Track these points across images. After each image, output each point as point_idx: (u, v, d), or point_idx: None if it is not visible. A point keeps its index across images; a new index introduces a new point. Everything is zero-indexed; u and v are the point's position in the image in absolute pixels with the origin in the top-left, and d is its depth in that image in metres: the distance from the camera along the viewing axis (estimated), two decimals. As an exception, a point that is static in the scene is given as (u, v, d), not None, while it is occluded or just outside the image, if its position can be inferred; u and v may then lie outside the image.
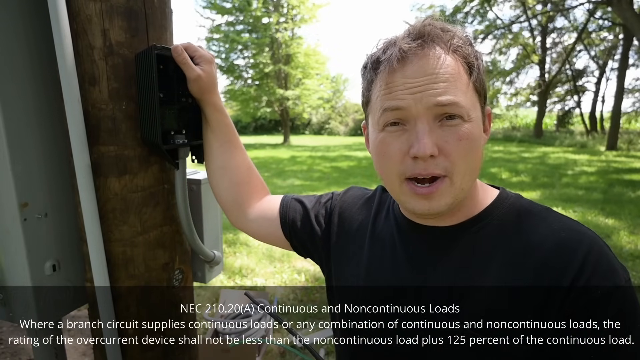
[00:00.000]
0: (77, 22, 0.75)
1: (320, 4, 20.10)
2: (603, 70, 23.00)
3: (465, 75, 0.58)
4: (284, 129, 21.76)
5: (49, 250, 0.80)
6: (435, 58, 0.56)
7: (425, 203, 0.58)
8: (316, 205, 0.84)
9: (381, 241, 0.71)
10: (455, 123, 0.56)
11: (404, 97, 0.56)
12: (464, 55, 0.58)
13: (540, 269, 0.56)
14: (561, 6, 18.43)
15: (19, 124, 0.74)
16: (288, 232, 0.84)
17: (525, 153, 14.18)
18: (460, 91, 0.56)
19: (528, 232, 0.59)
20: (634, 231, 4.71)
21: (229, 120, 0.89)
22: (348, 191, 0.85)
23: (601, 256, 0.55)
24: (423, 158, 0.55)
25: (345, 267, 0.74)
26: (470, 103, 0.58)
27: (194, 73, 0.80)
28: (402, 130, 0.58)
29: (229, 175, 0.88)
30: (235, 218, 0.90)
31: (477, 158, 0.59)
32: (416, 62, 0.56)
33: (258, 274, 3.76)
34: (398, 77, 0.57)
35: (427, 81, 0.55)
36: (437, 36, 0.57)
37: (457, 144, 0.56)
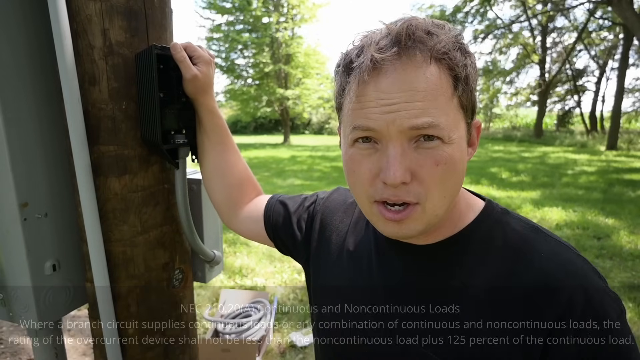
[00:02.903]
0: (77, 22, 0.75)
1: (320, 3, 20.09)
2: (603, 69, 23.00)
3: (449, 89, 0.50)
4: (284, 129, 21.75)
5: (49, 250, 0.80)
6: (413, 69, 0.48)
7: (394, 227, 0.53)
8: (299, 209, 0.82)
9: (358, 259, 0.68)
10: (433, 145, 0.50)
11: (376, 117, 0.49)
12: (450, 65, 0.50)
13: (524, 303, 0.51)
14: (561, 6, 18.42)
15: (19, 124, 0.74)
16: (271, 234, 0.84)
17: (525, 153, 14.18)
18: (441, 110, 0.49)
19: (513, 257, 0.55)
20: (634, 231, 4.71)
21: (223, 122, 0.89)
22: (333, 194, 0.82)
23: (590, 294, 0.50)
24: (394, 185, 0.50)
25: (324, 275, 0.73)
26: (452, 123, 0.50)
27: (191, 72, 0.80)
28: (373, 149, 0.52)
29: (221, 177, 0.89)
30: (227, 219, 0.91)
31: (456, 182, 0.53)
32: (391, 74, 0.49)
33: (258, 273, 3.76)
34: (370, 90, 0.50)
35: (403, 99, 0.48)
36: (419, 41, 0.49)
37: (433, 170, 0.50)
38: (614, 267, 3.72)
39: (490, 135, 23.74)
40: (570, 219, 5.26)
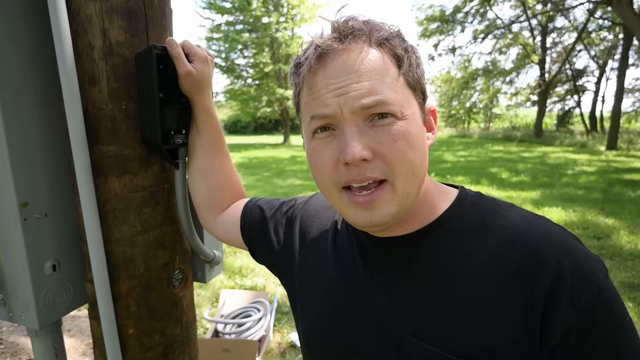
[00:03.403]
0: (77, 22, 0.75)
1: (320, 3, 20.11)
2: (603, 70, 23.01)
3: (394, 69, 0.53)
4: (284, 129, 21.77)
5: (49, 250, 0.80)
6: (356, 52, 0.52)
7: (366, 214, 0.53)
8: (277, 213, 0.80)
9: (343, 260, 0.67)
10: (388, 122, 0.51)
11: (329, 101, 0.52)
12: (391, 48, 0.53)
13: (510, 277, 0.51)
14: (561, 6, 18.43)
15: (19, 124, 0.74)
16: (247, 239, 0.82)
17: (525, 153, 14.18)
18: (388, 87, 0.52)
19: (496, 232, 0.55)
20: (634, 231, 4.71)
21: (217, 123, 0.88)
22: (311, 198, 0.80)
23: (575, 258, 0.50)
24: (355, 163, 0.51)
25: (310, 278, 0.71)
26: (402, 99, 0.53)
27: (185, 69, 0.80)
28: (332, 135, 0.54)
29: (206, 177, 0.88)
30: (205, 220, 0.90)
31: (420, 158, 0.53)
32: (336, 58, 0.52)
33: (258, 273, 3.76)
34: (320, 78, 0.53)
35: (350, 80, 0.51)
36: (358, 29, 0.53)
37: (393, 145, 0.51)
38: (614, 267, 3.72)
39: (490, 135, 23.77)
40: (570, 219, 5.27)
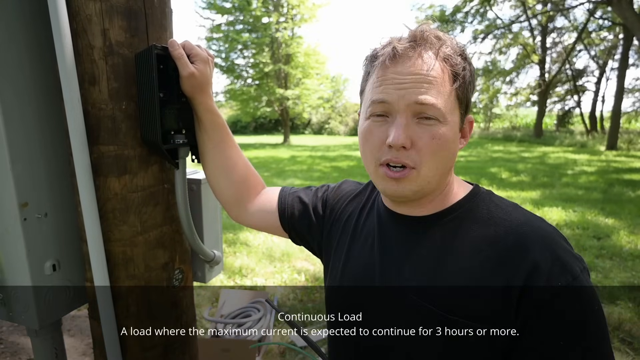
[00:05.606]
0: (77, 21, 0.75)
1: (320, 3, 20.09)
2: (603, 70, 23.00)
3: (450, 82, 0.63)
4: (284, 129, 21.76)
5: (49, 250, 0.80)
6: (424, 61, 0.62)
7: (394, 184, 0.65)
8: (313, 198, 0.90)
9: (364, 235, 0.78)
10: (431, 123, 0.62)
11: (390, 92, 0.62)
12: (452, 64, 0.64)
13: (501, 260, 0.61)
14: (561, 6, 18.43)
15: (19, 124, 0.74)
16: (287, 225, 0.90)
17: (525, 153, 14.18)
18: (442, 95, 0.62)
19: (497, 223, 0.65)
20: (633, 231, 4.71)
21: (222, 120, 0.90)
22: (342, 184, 0.91)
23: (557, 252, 0.59)
24: (396, 147, 0.62)
25: (333, 257, 0.81)
26: (448, 108, 0.63)
27: (188, 70, 0.80)
28: (384, 121, 0.65)
29: (227, 175, 0.91)
30: (236, 214, 0.94)
31: (447, 157, 0.65)
32: (407, 61, 0.62)
33: (258, 273, 3.76)
34: (389, 72, 0.63)
35: (413, 80, 0.61)
36: (430, 42, 0.63)
37: (429, 142, 0.62)
38: (614, 267, 3.72)
39: (490, 135, 23.74)
40: (570, 219, 5.26)
